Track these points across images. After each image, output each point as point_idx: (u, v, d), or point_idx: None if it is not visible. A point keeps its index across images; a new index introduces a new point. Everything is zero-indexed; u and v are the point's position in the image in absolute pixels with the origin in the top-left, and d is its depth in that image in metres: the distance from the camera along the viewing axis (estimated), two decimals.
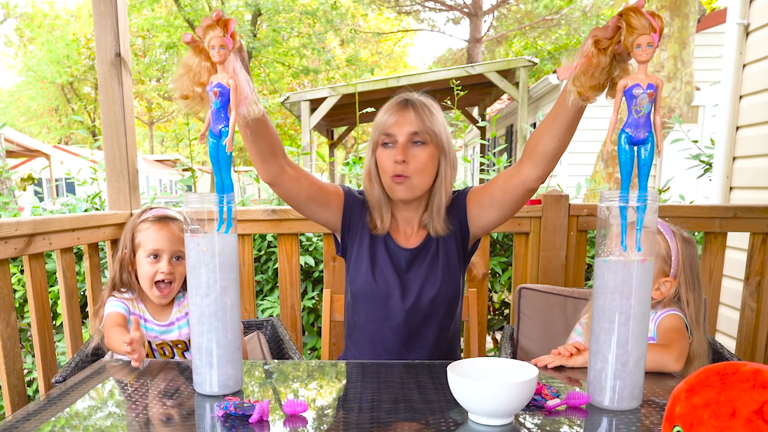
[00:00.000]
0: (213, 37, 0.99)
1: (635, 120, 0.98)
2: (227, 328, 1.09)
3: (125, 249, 1.53)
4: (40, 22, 23.81)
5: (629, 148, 0.99)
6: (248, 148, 1.30)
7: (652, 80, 0.97)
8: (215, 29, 1.00)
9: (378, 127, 1.44)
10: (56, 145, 19.65)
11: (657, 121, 0.98)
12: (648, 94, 0.97)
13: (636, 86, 0.98)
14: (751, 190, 2.80)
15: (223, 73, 1.02)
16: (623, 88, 0.99)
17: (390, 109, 1.43)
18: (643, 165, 0.99)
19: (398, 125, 1.40)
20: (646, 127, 0.98)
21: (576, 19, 16.17)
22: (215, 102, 1.02)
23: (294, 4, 15.64)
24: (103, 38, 2.07)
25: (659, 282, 1.38)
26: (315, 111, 8.04)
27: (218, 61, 1.01)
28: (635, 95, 0.98)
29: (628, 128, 0.98)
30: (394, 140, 1.41)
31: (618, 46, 1.01)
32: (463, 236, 1.51)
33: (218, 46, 0.99)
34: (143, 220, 1.53)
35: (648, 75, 0.98)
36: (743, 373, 0.62)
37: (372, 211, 1.51)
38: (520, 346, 1.76)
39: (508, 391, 0.92)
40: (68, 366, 1.39)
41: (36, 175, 3.77)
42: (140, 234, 1.51)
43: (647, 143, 0.98)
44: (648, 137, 0.98)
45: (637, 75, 0.99)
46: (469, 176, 10.23)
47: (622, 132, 0.99)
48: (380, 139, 1.43)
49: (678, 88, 4.69)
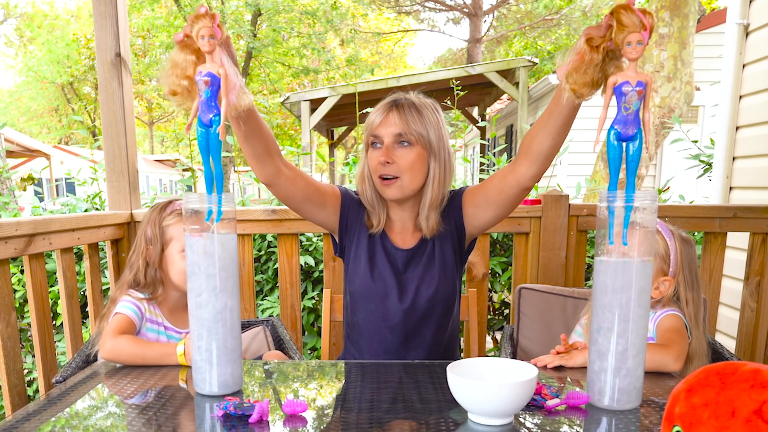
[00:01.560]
0: (202, 27, 1.00)
1: (624, 117, 0.98)
2: (227, 328, 1.09)
3: (151, 245, 1.44)
4: (40, 22, 23.81)
5: (618, 144, 0.99)
6: (243, 148, 1.30)
7: (641, 77, 0.98)
8: (203, 20, 1.00)
9: (366, 128, 1.46)
10: (56, 145, 19.65)
11: (646, 117, 0.98)
12: (637, 92, 0.97)
13: (625, 83, 0.98)
14: (751, 190, 2.80)
15: (212, 63, 1.02)
16: (613, 84, 1.00)
17: (378, 110, 1.45)
18: (631, 161, 0.99)
19: (383, 126, 1.42)
20: (634, 124, 0.98)
21: (576, 19, 16.16)
22: (206, 91, 1.02)
23: (294, 4, 15.64)
24: (103, 38, 2.07)
25: (658, 281, 1.38)
26: (315, 111, 8.04)
27: (207, 50, 1.01)
28: (624, 92, 0.98)
29: (617, 125, 0.99)
30: (381, 141, 1.43)
31: (610, 43, 1.01)
32: (459, 236, 1.51)
33: (207, 35, 1.00)
34: (171, 213, 1.45)
35: (638, 72, 0.98)
36: (743, 373, 0.62)
37: (366, 211, 1.52)
38: (520, 346, 1.76)
39: (507, 391, 0.92)
40: (68, 366, 1.39)
41: (36, 175, 3.77)
42: (171, 228, 1.43)
43: (635, 140, 0.99)
44: (636, 134, 0.99)
45: (627, 72, 0.99)
46: (469, 176, 10.22)
47: (611, 128, 1.00)
48: (369, 139, 1.46)
49: (678, 88, 4.69)
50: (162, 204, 1.49)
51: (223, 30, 1.03)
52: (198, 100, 1.03)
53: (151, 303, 1.43)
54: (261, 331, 1.71)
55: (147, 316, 1.41)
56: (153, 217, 1.46)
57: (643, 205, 0.98)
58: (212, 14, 1.01)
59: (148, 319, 1.40)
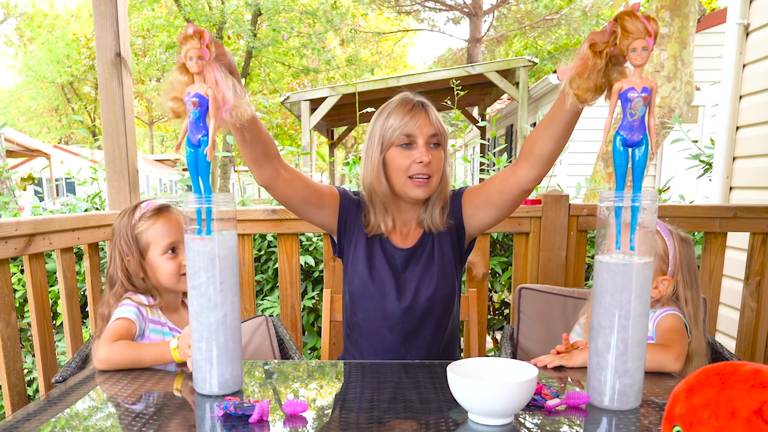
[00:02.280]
0: (189, 49, 1.00)
1: (629, 123, 0.98)
2: (227, 328, 1.09)
3: (128, 257, 1.39)
4: (40, 22, 23.81)
5: (624, 150, 0.99)
6: (242, 152, 1.30)
7: (647, 84, 0.98)
8: (191, 41, 1.00)
9: (392, 128, 1.44)
10: (56, 145, 19.66)
11: (651, 123, 0.98)
12: (642, 98, 0.97)
13: (631, 89, 0.98)
14: (751, 190, 2.80)
15: (200, 83, 1.02)
16: (618, 91, 1.00)
17: (405, 110, 1.43)
18: (637, 167, 0.99)
19: (419, 127, 1.42)
20: (640, 130, 0.98)
21: (576, 19, 16.16)
22: (194, 112, 1.02)
23: (294, 4, 15.63)
24: (103, 38, 2.07)
25: (657, 281, 1.38)
26: (315, 111, 8.04)
27: (196, 72, 1.01)
28: (630, 98, 0.98)
29: (622, 131, 0.99)
30: (414, 140, 1.42)
31: (614, 48, 1.01)
32: (458, 235, 1.52)
33: (195, 57, 1.00)
34: (141, 219, 1.41)
35: (643, 78, 0.98)
36: (743, 373, 0.62)
37: (369, 212, 1.52)
38: (520, 346, 1.76)
39: (507, 391, 0.92)
40: (68, 366, 1.39)
41: (36, 175, 3.77)
42: (145, 234, 1.39)
43: (641, 145, 0.99)
44: (642, 139, 0.98)
45: (632, 78, 0.99)
46: (469, 176, 10.22)
47: (617, 134, 1.00)
48: (398, 140, 1.43)
49: (678, 88, 4.69)
50: (126, 211, 1.44)
51: (213, 48, 1.02)
52: (187, 121, 1.03)
53: (153, 307, 1.40)
54: (263, 323, 1.70)
55: (150, 317, 1.38)
56: (122, 228, 1.41)
57: (643, 205, 0.98)
58: (201, 32, 1.01)
59: (151, 320, 1.38)
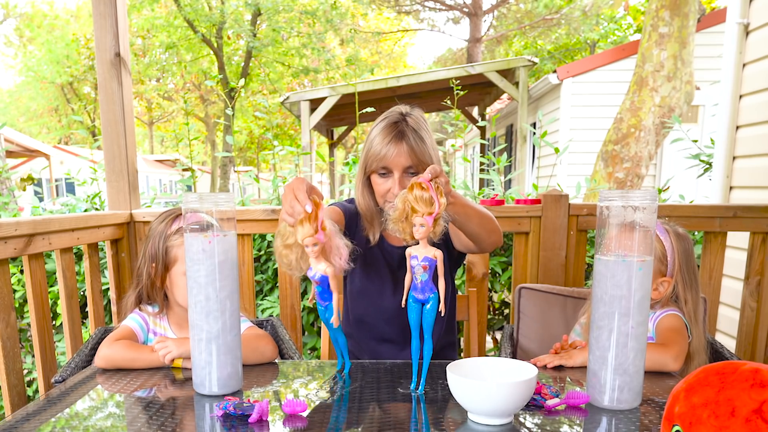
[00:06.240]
0: (305, 237, 1.03)
1: (415, 284, 1.06)
2: (227, 328, 1.09)
3: (155, 263, 1.36)
4: (40, 22, 23.79)
5: (415, 305, 1.08)
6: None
7: (429, 253, 1.03)
8: (305, 225, 1.03)
9: (373, 155, 1.45)
10: (56, 145, 19.66)
11: (440, 284, 1.05)
12: (422, 267, 1.03)
13: (413, 257, 1.05)
14: (751, 189, 2.80)
15: (319, 261, 1.07)
16: (409, 255, 1.06)
17: (384, 137, 1.44)
18: (426, 319, 1.08)
19: (396, 157, 1.43)
20: (427, 289, 1.06)
21: (576, 19, 16.15)
22: (317, 287, 1.10)
23: (294, 4, 15.62)
24: (103, 38, 2.07)
25: (657, 282, 1.38)
26: (315, 111, 8.03)
27: (314, 257, 1.06)
28: (413, 265, 1.05)
29: (412, 290, 1.07)
30: (389, 171, 1.45)
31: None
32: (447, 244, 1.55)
33: (311, 245, 1.04)
34: (177, 232, 1.36)
35: (427, 248, 1.04)
36: (742, 373, 0.62)
37: (362, 219, 1.58)
38: (519, 345, 1.76)
39: (507, 391, 0.92)
40: (68, 366, 1.39)
41: (36, 175, 3.77)
42: (175, 249, 1.35)
43: (428, 302, 1.07)
44: (429, 297, 1.06)
45: (417, 247, 1.05)
46: (469, 176, 10.22)
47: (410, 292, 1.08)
48: (377, 168, 1.46)
49: (678, 88, 4.70)
50: (170, 217, 1.41)
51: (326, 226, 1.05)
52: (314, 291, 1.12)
53: (158, 315, 1.41)
54: (263, 323, 1.69)
55: (152, 328, 1.40)
56: (157, 234, 1.38)
57: (643, 205, 0.98)
58: (316, 213, 1.03)
59: (152, 331, 1.40)
